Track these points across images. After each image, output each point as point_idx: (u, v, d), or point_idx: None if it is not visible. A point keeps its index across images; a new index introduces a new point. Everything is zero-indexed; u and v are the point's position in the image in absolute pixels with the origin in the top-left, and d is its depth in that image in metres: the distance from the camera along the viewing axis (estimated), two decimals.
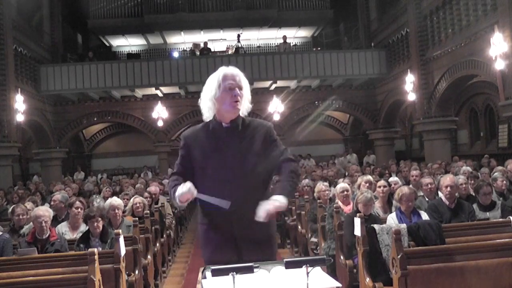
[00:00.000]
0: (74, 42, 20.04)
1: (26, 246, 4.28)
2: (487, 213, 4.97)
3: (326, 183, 6.72)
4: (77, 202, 5.07)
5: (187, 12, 18.62)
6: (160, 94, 17.19)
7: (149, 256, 5.48)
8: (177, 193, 2.39)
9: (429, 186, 5.64)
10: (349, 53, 16.74)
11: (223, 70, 2.57)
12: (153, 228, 6.08)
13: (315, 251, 6.01)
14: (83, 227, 4.92)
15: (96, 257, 3.48)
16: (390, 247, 3.75)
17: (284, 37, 18.13)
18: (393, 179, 6.53)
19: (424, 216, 4.65)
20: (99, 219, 4.46)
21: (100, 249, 4.13)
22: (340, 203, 5.47)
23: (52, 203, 5.93)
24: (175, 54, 19.25)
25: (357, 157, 18.42)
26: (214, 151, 2.53)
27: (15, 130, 13.27)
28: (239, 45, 18.09)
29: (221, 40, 20.24)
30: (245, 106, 2.59)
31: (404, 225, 4.19)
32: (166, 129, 17.33)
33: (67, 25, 18.57)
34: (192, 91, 17.77)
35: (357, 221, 4.11)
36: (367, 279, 3.94)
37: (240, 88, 2.54)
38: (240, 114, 2.60)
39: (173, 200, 2.52)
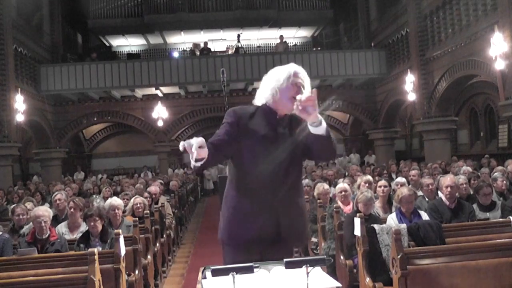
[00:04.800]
0: (74, 42, 20.03)
1: (26, 246, 4.28)
2: (487, 213, 4.97)
3: (327, 184, 6.71)
4: (71, 202, 5.07)
5: (187, 12, 18.62)
6: (160, 94, 17.20)
7: (149, 256, 5.48)
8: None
9: (430, 186, 5.64)
10: (349, 53, 16.74)
11: (295, 67, 2.58)
12: (153, 228, 6.08)
13: (315, 251, 6.01)
14: (83, 227, 4.91)
15: (96, 257, 3.48)
16: (390, 247, 3.75)
17: (281, 37, 18.13)
18: (400, 180, 6.50)
19: (424, 216, 4.65)
20: (97, 218, 4.45)
21: (100, 249, 4.13)
22: (339, 203, 5.47)
23: (56, 202, 5.91)
24: (175, 54, 19.25)
25: (359, 157, 18.43)
26: (265, 138, 2.53)
27: (15, 130, 13.27)
28: (239, 45, 18.09)
29: (221, 40, 20.24)
30: None
31: (404, 225, 4.19)
32: (166, 129, 17.34)
33: (67, 25, 18.56)
34: (192, 91, 17.78)
35: (357, 221, 4.11)
36: (367, 279, 3.94)
37: (304, 88, 2.55)
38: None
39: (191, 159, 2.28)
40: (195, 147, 2.15)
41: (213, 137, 2.52)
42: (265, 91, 2.59)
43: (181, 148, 2.22)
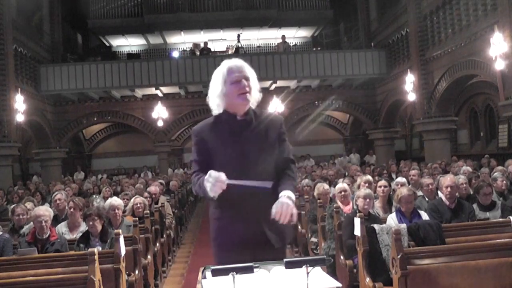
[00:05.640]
0: (74, 42, 20.04)
1: (26, 246, 4.28)
2: (487, 213, 4.97)
3: (327, 184, 6.71)
4: (71, 202, 5.08)
5: (187, 12, 18.63)
6: (160, 94, 17.20)
7: (149, 256, 5.48)
8: (208, 188, 2.30)
9: (430, 186, 5.65)
10: (349, 53, 16.75)
11: (226, 64, 2.54)
12: (153, 228, 6.08)
13: (315, 251, 6.01)
14: (83, 227, 4.92)
15: (96, 257, 3.48)
16: (390, 247, 3.75)
17: (283, 37, 18.16)
18: (400, 180, 6.50)
19: (424, 216, 4.65)
20: (96, 218, 4.45)
21: (100, 249, 4.12)
22: (339, 203, 5.47)
23: (56, 202, 5.91)
24: (175, 54, 19.25)
25: (359, 157, 18.44)
26: (231, 144, 2.49)
27: (15, 130, 13.27)
28: (239, 45, 18.10)
29: (221, 40, 20.25)
30: (255, 97, 2.56)
31: (404, 225, 4.19)
32: (166, 129, 17.34)
33: (67, 25, 18.57)
34: (192, 91, 17.78)
35: (357, 221, 4.11)
36: (367, 279, 3.94)
37: (247, 79, 2.50)
38: (251, 106, 2.57)
39: (206, 195, 2.42)
40: (226, 181, 2.30)
41: (194, 166, 2.56)
42: (214, 100, 2.57)
43: (216, 193, 2.32)
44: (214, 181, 2.29)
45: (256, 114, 2.58)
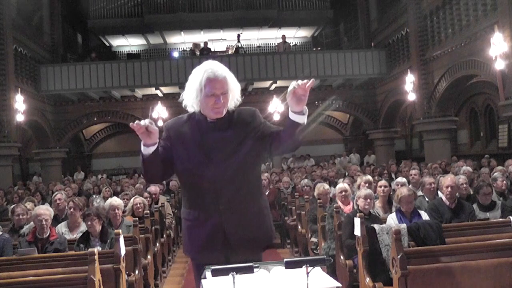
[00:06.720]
0: (74, 42, 20.04)
1: (27, 246, 4.28)
2: (487, 213, 4.98)
3: (327, 184, 6.71)
4: (70, 202, 5.09)
5: (187, 12, 18.62)
6: (160, 94, 17.19)
7: (149, 256, 5.48)
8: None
9: (432, 185, 5.66)
10: (349, 53, 16.73)
11: (206, 72, 2.42)
12: (153, 228, 6.08)
13: (315, 251, 6.01)
14: (83, 227, 4.92)
15: (96, 257, 3.48)
16: (390, 247, 3.75)
17: (283, 37, 18.14)
18: (401, 180, 6.50)
19: (424, 216, 4.65)
20: (95, 218, 4.45)
21: (100, 249, 4.13)
22: (339, 203, 5.47)
23: (56, 202, 5.92)
24: (175, 54, 19.23)
25: (359, 157, 18.44)
26: (199, 147, 2.43)
27: (15, 130, 13.27)
28: (239, 45, 18.08)
29: (221, 40, 20.24)
30: (231, 104, 2.48)
31: (404, 225, 4.19)
32: None
33: (67, 25, 18.56)
34: None
35: (357, 221, 4.11)
36: (367, 279, 3.94)
37: (224, 93, 2.41)
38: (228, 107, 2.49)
39: (142, 153, 2.50)
40: (147, 121, 2.34)
41: None
42: (188, 100, 2.50)
43: (133, 125, 2.38)
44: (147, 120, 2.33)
45: (230, 115, 2.48)
